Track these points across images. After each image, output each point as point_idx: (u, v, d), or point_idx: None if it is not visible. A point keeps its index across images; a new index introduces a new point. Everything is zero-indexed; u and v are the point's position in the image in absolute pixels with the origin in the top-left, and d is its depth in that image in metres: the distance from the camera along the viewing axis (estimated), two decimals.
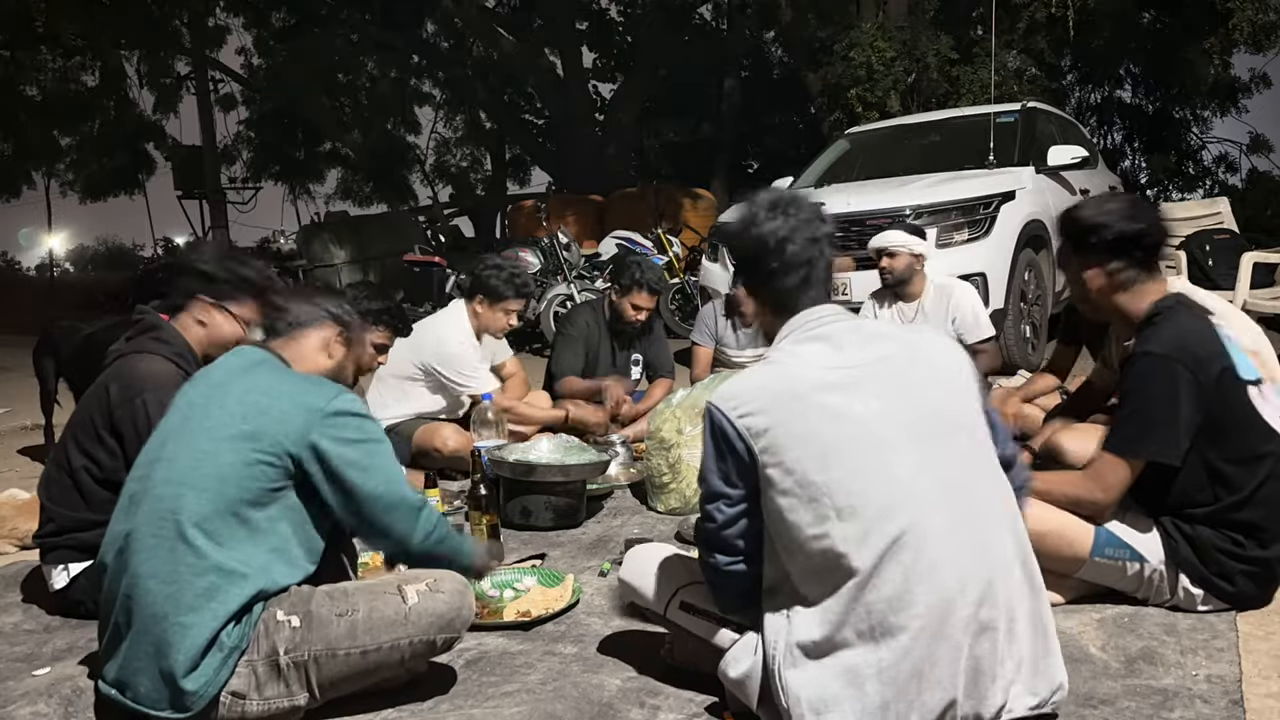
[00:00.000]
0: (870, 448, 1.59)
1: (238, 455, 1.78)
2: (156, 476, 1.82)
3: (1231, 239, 6.18)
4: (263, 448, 1.79)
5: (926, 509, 1.56)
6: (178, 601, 1.72)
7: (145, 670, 1.74)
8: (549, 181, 15.73)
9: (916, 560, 1.53)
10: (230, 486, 1.77)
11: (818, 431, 1.59)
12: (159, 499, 1.79)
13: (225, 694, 1.75)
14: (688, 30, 16.10)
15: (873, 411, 1.60)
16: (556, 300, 7.85)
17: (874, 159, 6.97)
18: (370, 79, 17.20)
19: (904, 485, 1.57)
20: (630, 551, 2.14)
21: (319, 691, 1.82)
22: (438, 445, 3.69)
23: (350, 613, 1.82)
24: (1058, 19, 10.99)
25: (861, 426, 1.59)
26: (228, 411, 1.83)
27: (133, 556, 1.78)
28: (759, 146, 17.84)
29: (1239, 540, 2.15)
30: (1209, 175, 15.74)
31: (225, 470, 1.78)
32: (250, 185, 19.03)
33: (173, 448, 1.84)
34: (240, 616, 1.76)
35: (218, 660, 1.74)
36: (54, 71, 16.39)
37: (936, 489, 1.58)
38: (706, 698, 1.91)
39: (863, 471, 1.57)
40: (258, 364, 1.95)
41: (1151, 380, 2.12)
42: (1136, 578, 2.23)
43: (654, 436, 3.34)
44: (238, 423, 1.81)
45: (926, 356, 1.70)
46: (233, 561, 1.75)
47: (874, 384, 1.62)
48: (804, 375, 1.65)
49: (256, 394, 1.85)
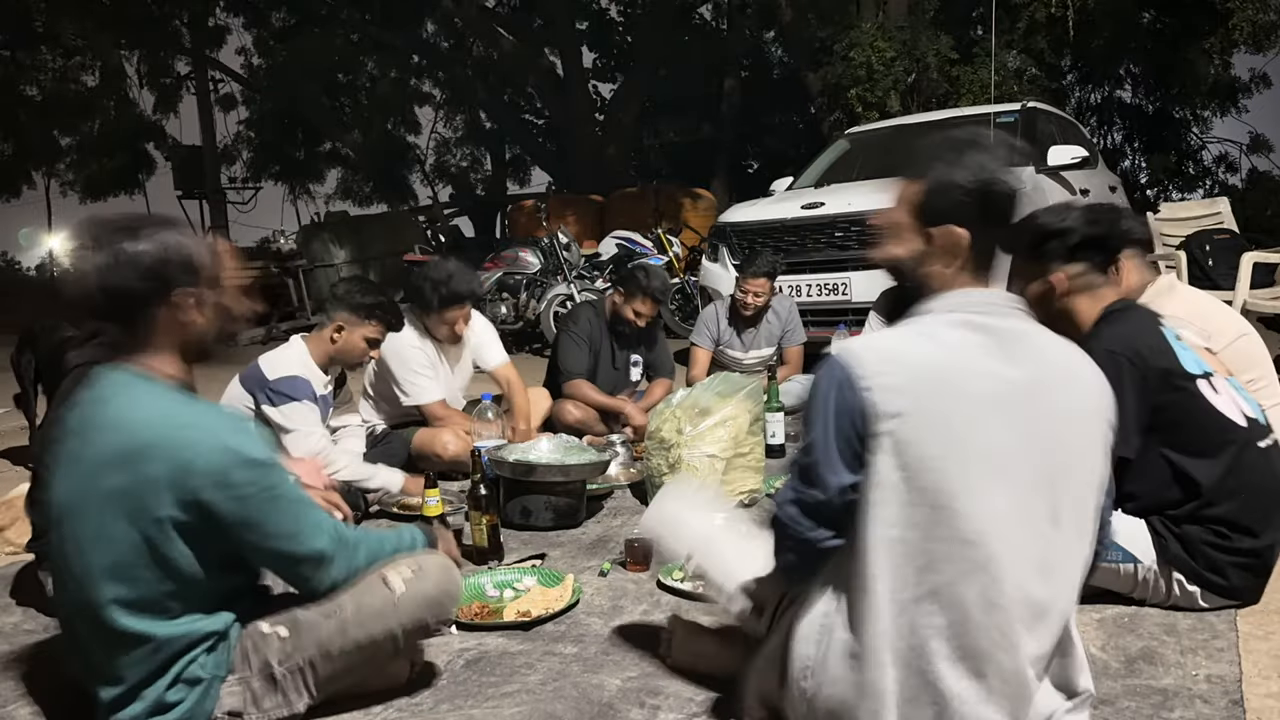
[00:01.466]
0: (985, 476, 1.41)
1: (129, 530, 1.59)
2: (65, 566, 1.67)
3: (1231, 239, 6.17)
4: (150, 521, 1.59)
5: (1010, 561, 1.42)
6: (123, 674, 1.68)
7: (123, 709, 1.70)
8: (549, 181, 15.77)
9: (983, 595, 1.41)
10: (138, 565, 1.61)
11: (947, 439, 1.40)
12: (75, 585, 1.66)
13: (220, 714, 1.73)
14: (688, 30, 16.12)
15: (1006, 443, 1.42)
16: (556, 300, 7.86)
17: (874, 159, 6.97)
18: (370, 79, 17.22)
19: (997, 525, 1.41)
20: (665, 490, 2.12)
21: (317, 691, 1.81)
22: (438, 450, 3.69)
23: (337, 611, 1.79)
24: (1058, 19, 10.99)
25: (988, 453, 1.42)
26: (102, 476, 1.60)
27: (75, 627, 1.71)
28: (759, 146, 17.84)
29: (1224, 533, 2.17)
30: (1209, 175, 15.74)
31: (122, 548, 1.60)
32: (250, 185, 19.05)
33: (66, 531, 1.65)
34: (214, 646, 1.72)
35: (198, 691, 1.70)
36: (54, 71, 16.41)
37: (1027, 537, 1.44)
38: (707, 697, 1.91)
39: (967, 496, 1.40)
40: (120, 392, 1.64)
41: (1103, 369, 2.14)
42: (1130, 579, 2.24)
43: (654, 436, 3.34)
44: (116, 495, 1.59)
45: (1079, 390, 1.52)
46: (175, 629, 1.67)
47: (1019, 411, 1.44)
48: (960, 370, 1.44)
49: (125, 454, 1.59)
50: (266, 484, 1.65)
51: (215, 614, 1.72)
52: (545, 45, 16.21)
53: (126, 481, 1.58)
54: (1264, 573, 2.25)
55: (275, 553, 1.70)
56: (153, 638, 1.66)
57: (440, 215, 13.62)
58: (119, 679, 1.68)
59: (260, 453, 1.66)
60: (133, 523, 1.60)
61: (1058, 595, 1.47)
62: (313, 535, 1.72)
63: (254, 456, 1.63)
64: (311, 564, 1.74)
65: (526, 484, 3.15)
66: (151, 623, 1.65)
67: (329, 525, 1.76)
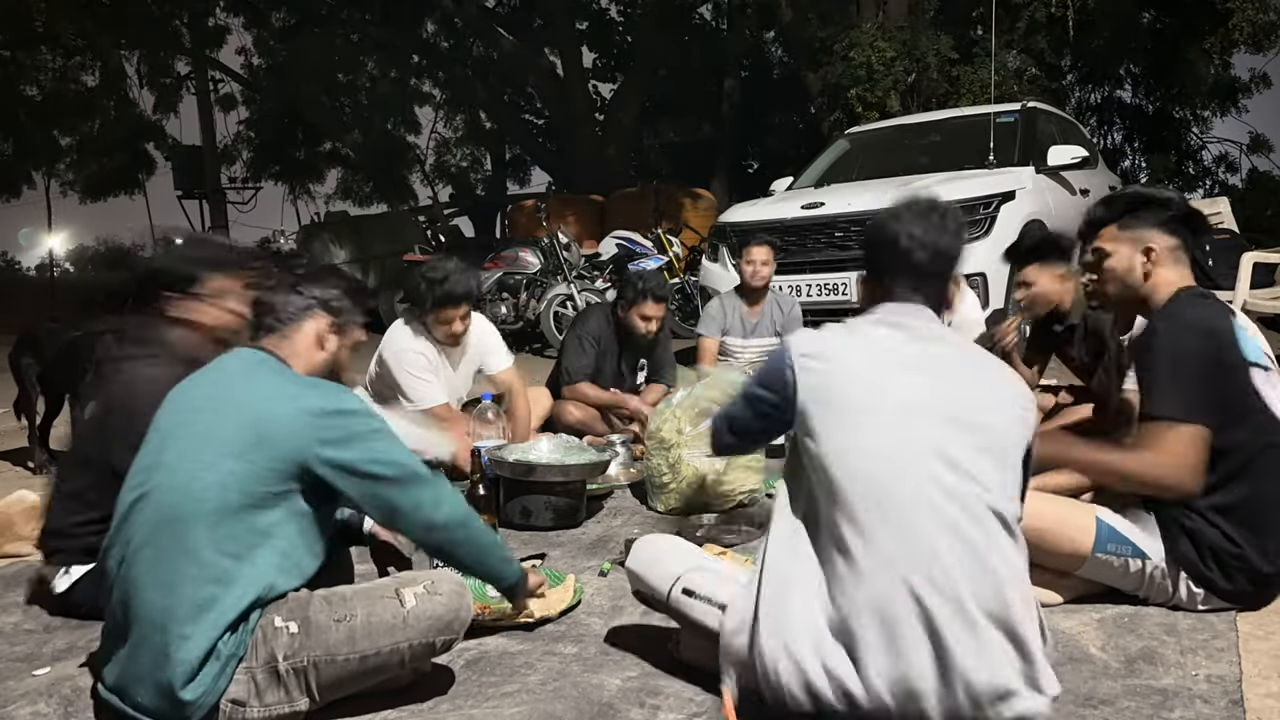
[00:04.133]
0: (894, 427, 1.65)
1: (239, 464, 1.76)
2: (156, 483, 1.80)
3: (1231, 239, 6.17)
4: (265, 456, 1.77)
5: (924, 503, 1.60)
6: (175, 612, 1.71)
7: (144, 679, 1.73)
8: (549, 181, 15.74)
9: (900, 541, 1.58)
10: (233, 495, 1.75)
11: (853, 390, 1.68)
12: (159, 506, 1.77)
13: (225, 701, 1.75)
14: (688, 30, 16.12)
15: (917, 393, 1.67)
16: (556, 300, 7.85)
17: (874, 159, 6.97)
18: (370, 79, 17.20)
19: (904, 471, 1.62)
20: (638, 541, 2.15)
21: (319, 695, 1.82)
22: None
23: (348, 618, 1.81)
24: (1058, 19, 10.99)
25: (896, 404, 1.66)
26: (228, 420, 1.80)
27: (133, 565, 1.77)
28: (759, 146, 17.84)
29: (1235, 538, 2.15)
30: (1209, 175, 15.76)
31: (227, 479, 1.75)
32: (250, 185, 19.03)
33: (172, 455, 1.81)
34: (238, 625, 1.75)
35: (215, 669, 1.73)
36: (54, 71, 16.39)
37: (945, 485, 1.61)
38: (707, 697, 1.91)
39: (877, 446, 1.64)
40: (255, 366, 1.91)
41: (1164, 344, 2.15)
42: (1138, 575, 2.23)
43: (654, 436, 3.34)
44: (239, 431, 1.78)
45: (991, 376, 1.76)
46: (234, 571, 1.74)
47: (924, 372, 1.70)
48: (865, 343, 1.76)
49: (256, 400, 1.82)
50: (373, 425, 1.87)
51: (278, 578, 1.80)
52: (545, 45, 16.20)
53: (258, 419, 1.79)
54: (1269, 581, 2.22)
55: (385, 478, 1.84)
56: (218, 578, 1.74)
57: (440, 215, 13.60)
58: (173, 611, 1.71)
59: (364, 406, 1.91)
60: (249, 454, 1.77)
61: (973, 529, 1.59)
62: (415, 463, 1.89)
63: (359, 407, 1.89)
64: (418, 483, 1.87)
65: (526, 484, 3.15)
66: (222, 559, 1.74)
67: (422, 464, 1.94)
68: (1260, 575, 2.18)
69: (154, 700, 1.72)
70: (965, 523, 1.59)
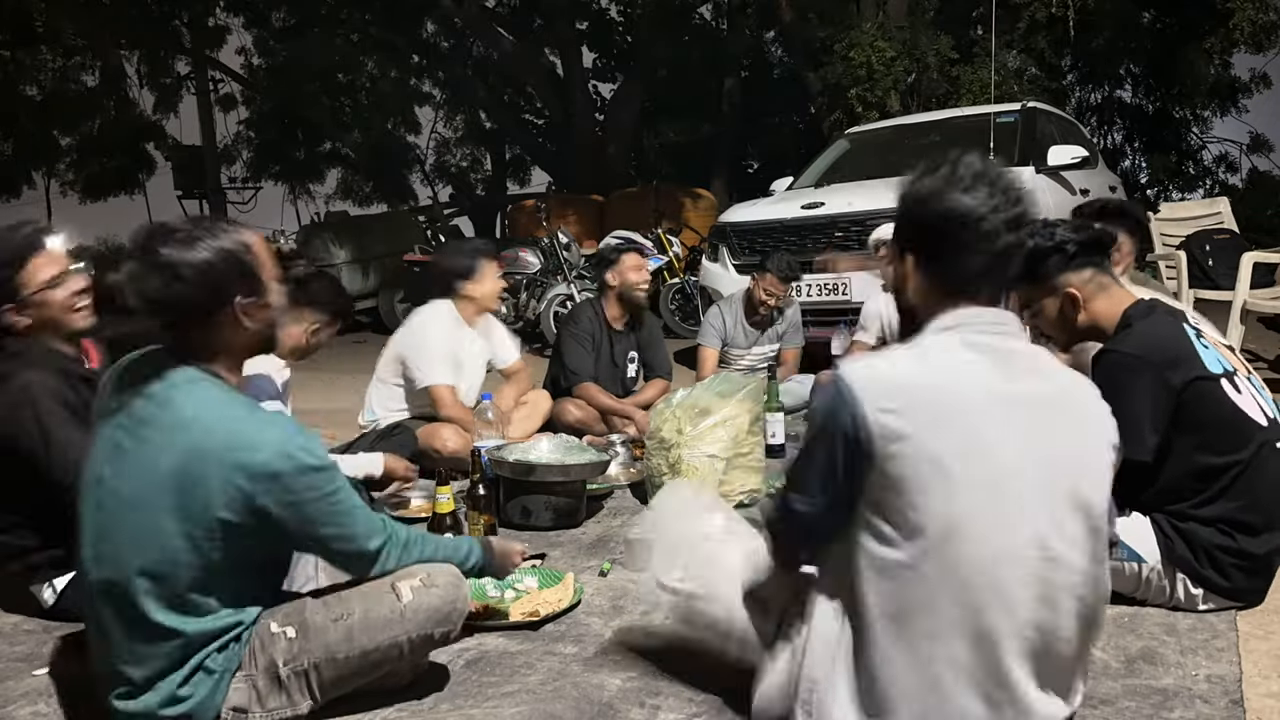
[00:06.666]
0: (994, 499, 1.40)
1: (179, 528, 1.62)
2: (101, 552, 1.69)
3: (1231, 239, 6.17)
4: (203, 521, 1.62)
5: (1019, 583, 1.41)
6: (144, 664, 1.69)
7: (135, 698, 1.71)
8: (549, 181, 15.72)
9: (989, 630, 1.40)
10: (180, 564, 1.64)
11: (950, 459, 1.39)
12: (111, 571, 1.67)
13: (227, 710, 1.75)
14: (688, 30, 16.09)
15: (1010, 456, 1.41)
16: (556, 300, 7.85)
17: (874, 159, 6.97)
18: (370, 79, 17.17)
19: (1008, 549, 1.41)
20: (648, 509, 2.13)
21: (321, 695, 1.82)
22: (437, 446, 3.68)
23: (345, 616, 1.80)
24: (1058, 19, 10.99)
25: (995, 471, 1.41)
26: (158, 473, 1.62)
27: (100, 612, 1.71)
28: (759, 146, 17.81)
29: (1229, 533, 2.17)
30: (1209, 175, 15.72)
31: (168, 545, 1.62)
32: (250, 185, 19.01)
33: (112, 518, 1.67)
34: (226, 644, 1.73)
35: (209, 684, 1.71)
36: (54, 71, 16.37)
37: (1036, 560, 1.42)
38: (707, 697, 1.91)
39: (974, 521, 1.40)
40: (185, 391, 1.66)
41: (1116, 378, 2.13)
42: (1135, 579, 2.24)
43: (654, 436, 3.34)
44: (170, 492, 1.61)
45: (1079, 411, 1.51)
46: (201, 625, 1.69)
47: (1025, 423, 1.43)
48: (958, 389, 1.43)
49: (186, 454, 1.61)
50: (323, 490, 1.68)
51: (241, 610, 1.75)
52: (545, 45, 16.19)
53: (185, 481, 1.61)
54: (1266, 575, 2.24)
55: (330, 551, 1.78)
56: (180, 632, 1.67)
57: (440, 215, 13.58)
58: (137, 670, 1.69)
59: (318, 459, 1.68)
60: (184, 520, 1.62)
61: (1063, 623, 1.44)
62: (366, 538, 1.77)
63: (311, 463, 1.66)
64: (365, 562, 1.80)
65: (526, 484, 3.15)
66: (181, 618, 1.67)
67: (381, 527, 1.81)
68: (1256, 568, 2.20)
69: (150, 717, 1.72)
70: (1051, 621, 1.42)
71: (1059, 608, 1.43)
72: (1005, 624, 1.40)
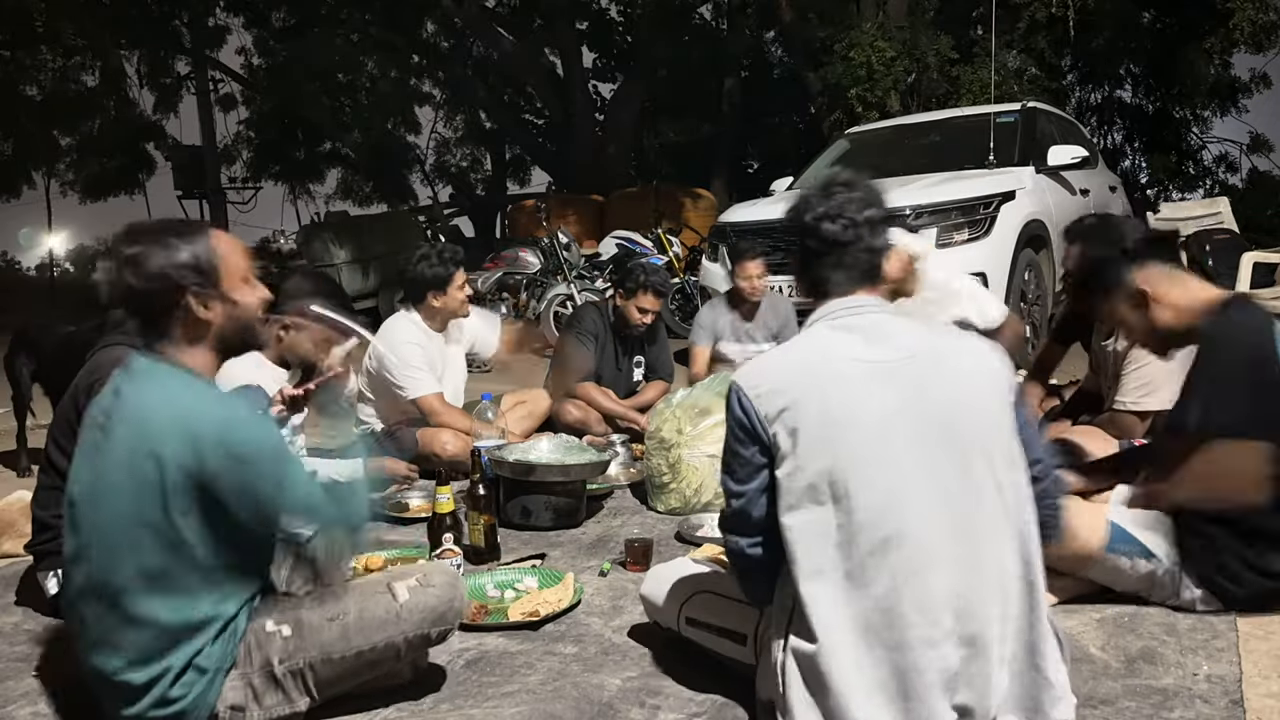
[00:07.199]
0: (875, 444, 1.55)
1: (142, 509, 1.64)
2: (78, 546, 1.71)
3: (1231, 239, 6.18)
4: (164, 509, 1.64)
5: (920, 516, 1.53)
6: (134, 664, 1.69)
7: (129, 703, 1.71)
8: (549, 181, 15.74)
9: (905, 564, 1.51)
10: (149, 548, 1.65)
11: (829, 419, 1.56)
12: (88, 572, 1.69)
13: (223, 708, 1.74)
14: (688, 30, 16.10)
15: (888, 409, 1.57)
16: (556, 300, 7.85)
17: (874, 159, 6.97)
18: (370, 79, 17.18)
19: (900, 490, 1.54)
20: (652, 570, 2.23)
21: (318, 693, 1.82)
22: (437, 450, 3.68)
23: (341, 616, 1.80)
24: (1058, 19, 11.00)
25: (871, 422, 1.56)
26: (120, 459, 1.66)
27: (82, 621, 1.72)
28: (759, 146, 17.83)
29: (1253, 543, 2.14)
30: (1209, 175, 15.73)
31: (136, 530, 1.64)
32: (250, 185, 19.04)
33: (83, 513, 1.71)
34: (216, 640, 1.72)
35: (203, 683, 1.71)
36: (54, 71, 16.37)
37: (934, 498, 1.54)
38: (707, 697, 1.92)
39: (862, 466, 1.54)
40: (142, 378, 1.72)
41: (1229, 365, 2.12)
42: (1147, 577, 2.22)
43: (654, 436, 3.34)
44: (129, 474, 1.64)
45: (953, 363, 1.64)
46: (178, 615, 1.68)
47: (893, 382, 1.59)
48: (826, 360, 1.63)
49: (139, 433, 1.65)
50: (264, 443, 1.71)
51: (225, 602, 1.74)
52: (545, 45, 16.19)
53: (138, 458, 1.63)
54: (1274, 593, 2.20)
55: (269, 501, 1.70)
56: (164, 624, 1.67)
57: (440, 215, 13.60)
58: (128, 667, 1.69)
59: (256, 417, 1.75)
60: (143, 500, 1.64)
61: (987, 557, 1.53)
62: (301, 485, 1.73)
63: (250, 419, 1.74)
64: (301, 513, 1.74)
65: (526, 484, 3.15)
66: (163, 607, 1.67)
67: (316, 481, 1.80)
68: (1270, 585, 2.15)
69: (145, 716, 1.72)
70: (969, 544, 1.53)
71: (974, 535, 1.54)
72: (916, 556, 1.51)
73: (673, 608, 2.05)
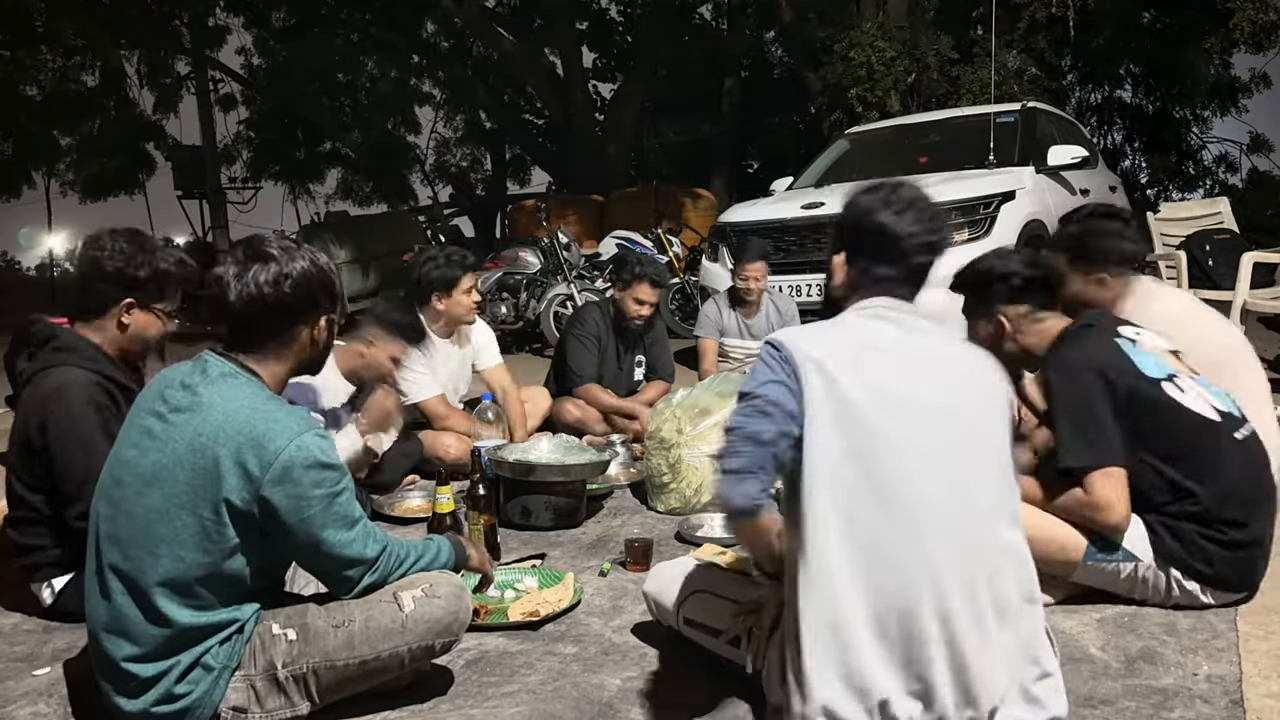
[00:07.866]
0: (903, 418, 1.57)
1: (189, 508, 1.66)
2: (116, 529, 1.72)
3: (1231, 239, 6.17)
4: (210, 502, 1.66)
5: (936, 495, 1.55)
6: (140, 653, 1.70)
7: (133, 696, 1.72)
8: (549, 181, 15.74)
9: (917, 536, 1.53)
10: (186, 547, 1.67)
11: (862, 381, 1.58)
12: (120, 559, 1.71)
13: (225, 709, 1.75)
14: (688, 30, 16.10)
15: (918, 390, 1.61)
16: (556, 300, 7.84)
17: (874, 159, 6.97)
18: (370, 79, 17.19)
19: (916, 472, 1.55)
20: (655, 568, 2.24)
21: (319, 699, 1.82)
22: (440, 454, 3.68)
23: (347, 623, 1.80)
24: (1058, 19, 11.00)
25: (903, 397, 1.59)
26: (177, 452, 1.68)
27: (104, 598, 1.73)
28: (759, 146, 17.83)
29: (1217, 525, 2.19)
30: (1209, 175, 15.73)
31: (178, 526, 1.67)
32: (250, 185, 19.01)
33: (130, 494, 1.71)
34: (225, 640, 1.74)
35: (208, 681, 1.72)
36: (54, 71, 16.38)
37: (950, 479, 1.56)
38: (707, 697, 1.91)
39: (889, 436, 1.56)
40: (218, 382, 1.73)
41: (1063, 387, 2.26)
42: (1131, 580, 2.25)
43: (654, 436, 3.34)
44: (185, 469, 1.67)
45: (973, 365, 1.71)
46: (198, 619, 1.70)
47: (924, 367, 1.65)
48: (862, 334, 1.68)
49: (203, 432, 1.67)
50: (329, 489, 1.71)
51: (240, 607, 1.76)
52: (545, 45, 16.18)
53: (198, 458, 1.66)
54: (1257, 561, 2.26)
55: (319, 556, 1.75)
56: (183, 625, 1.69)
57: (440, 215, 13.58)
58: (137, 659, 1.70)
59: (329, 457, 1.72)
60: (193, 500, 1.66)
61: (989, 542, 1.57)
62: (363, 543, 1.78)
63: (322, 459, 1.70)
64: (357, 568, 1.79)
65: (526, 484, 3.15)
66: (184, 610, 1.69)
67: (379, 535, 1.83)
68: (1247, 555, 2.22)
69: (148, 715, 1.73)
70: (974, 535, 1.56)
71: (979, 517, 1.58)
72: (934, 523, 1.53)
73: (673, 608, 2.06)
